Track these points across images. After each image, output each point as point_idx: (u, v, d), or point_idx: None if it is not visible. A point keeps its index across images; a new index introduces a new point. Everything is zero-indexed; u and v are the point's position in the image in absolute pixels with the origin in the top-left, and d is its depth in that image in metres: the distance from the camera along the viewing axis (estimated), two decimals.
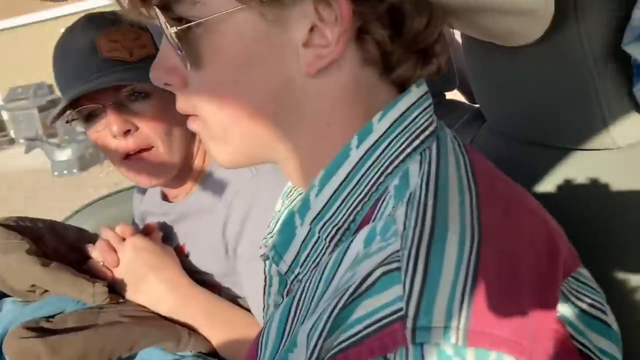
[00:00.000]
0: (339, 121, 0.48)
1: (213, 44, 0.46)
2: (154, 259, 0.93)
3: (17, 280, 0.92)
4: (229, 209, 0.91)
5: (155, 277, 0.92)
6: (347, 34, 0.45)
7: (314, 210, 0.47)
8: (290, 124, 0.49)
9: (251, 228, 0.88)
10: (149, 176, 0.94)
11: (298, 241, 0.48)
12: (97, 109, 0.91)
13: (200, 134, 0.53)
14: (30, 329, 0.83)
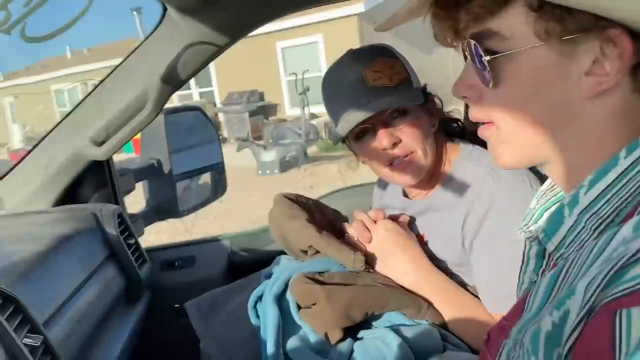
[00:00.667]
0: (607, 137, 0.57)
1: (512, 69, 0.58)
2: (402, 240, 1.07)
3: (297, 241, 1.10)
4: (469, 207, 1.02)
5: (402, 255, 1.06)
6: (625, 68, 0.53)
7: (582, 204, 0.56)
8: (565, 135, 0.59)
9: (488, 226, 0.99)
10: (410, 176, 1.09)
11: (565, 228, 0.58)
12: (368, 128, 1.08)
13: (491, 138, 0.64)
14: (309, 278, 1.01)
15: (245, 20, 1.20)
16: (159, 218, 1.72)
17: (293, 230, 1.10)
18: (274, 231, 1.17)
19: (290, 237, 1.11)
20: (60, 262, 1.10)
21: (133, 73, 1.28)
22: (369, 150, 1.11)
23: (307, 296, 1.00)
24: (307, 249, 1.09)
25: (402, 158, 1.07)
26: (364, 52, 1.12)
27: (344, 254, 1.03)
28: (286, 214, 1.14)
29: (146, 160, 1.71)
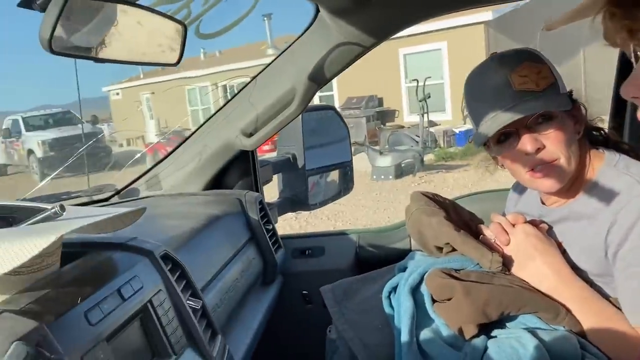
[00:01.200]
0: None
1: None
2: (541, 244, 1.06)
3: (434, 237, 1.12)
4: (615, 216, 0.98)
5: (542, 259, 1.05)
6: None
7: None
8: None
9: (635, 236, 0.95)
10: (552, 183, 1.07)
11: None
12: (511, 132, 1.07)
13: None
14: (445, 273, 1.03)
15: (393, 22, 1.25)
16: (291, 209, 1.82)
17: (430, 227, 1.12)
18: (411, 226, 1.19)
19: (426, 232, 1.13)
20: (212, 239, 1.21)
21: (283, 71, 1.37)
22: (511, 154, 1.10)
23: (443, 290, 1.02)
24: (443, 245, 1.10)
25: (545, 164, 1.06)
26: (510, 56, 1.11)
27: (481, 253, 1.03)
28: (424, 210, 1.15)
29: (283, 154, 1.82)
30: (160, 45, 0.84)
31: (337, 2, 1.19)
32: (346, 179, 1.98)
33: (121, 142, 18.43)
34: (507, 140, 1.09)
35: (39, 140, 14.80)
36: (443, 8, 1.23)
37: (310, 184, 1.85)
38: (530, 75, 1.05)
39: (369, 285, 1.22)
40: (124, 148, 17.56)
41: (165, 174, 1.55)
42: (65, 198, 1.44)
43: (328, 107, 1.98)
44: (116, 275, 0.79)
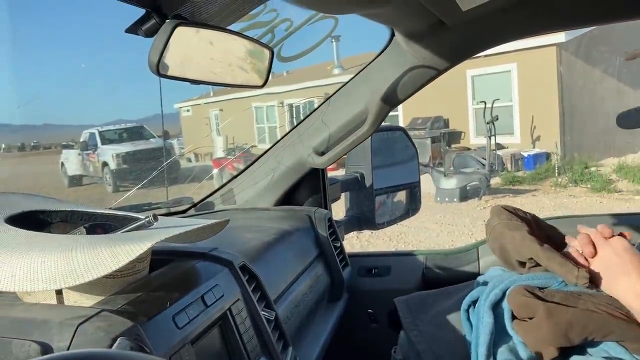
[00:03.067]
0: None
1: None
2: (636, 260, 1.00)
3: (516, 252, 1.08)
4: None
5: (638, 276, 0.98)
6: None
7: None
8: None
9: None
10: None
11: None
12: None
13: None
14: (529, 291, 0.99)
15: (467, 46, 1.26)
16: (358, 228, 1.84)
17: (513, 241, 1.09)
18: (492, 241, 1.17)
19: (509, 247, 1.10)
20: (283, 253, 1.25)
21: (357, 92, 1.41)
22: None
23: (526, 308, 0.99)
24: (526, 261, 1.07)
25: None
26: None
27: (567, 268, 0.99)
28: (506, 225, 1.13)
29: (351, 173, 1.85)
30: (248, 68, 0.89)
31: (412, 26, 1.22)
32: (413, 200, 1.98)
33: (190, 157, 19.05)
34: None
35: (113, 153, 15.57)
36: (517, 33, 1.23)
37: (377, 204, 1.87)
38: None
39: (444, 299, 1.22)
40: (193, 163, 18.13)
41: (239, 189, 1.61)
42: (147, 209, 1.53)
43: (397, 128, 2.00)
44: (200, 283, 0.83)
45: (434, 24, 1.20)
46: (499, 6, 1.14)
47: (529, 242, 1.05)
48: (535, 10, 1.17)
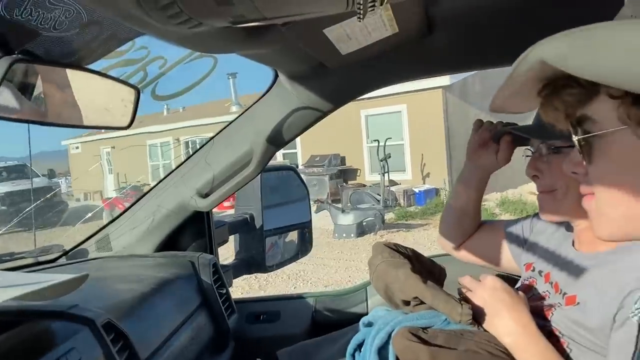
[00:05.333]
0: None
1: (603, 149, 0.63)
2: (509, 299, 1.06)
3: (401, 291, 1.08)
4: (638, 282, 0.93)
5: (509, 314, 1.04)
6: None
7: None
8: None
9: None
10: (548, 212, 1.16)
11: None
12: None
13: (591, 210, 0.68)
14: (413, 333, 0.99)
15: (350, 89, 1.27)
16: (247, 272, 1.77)
17: (397, 280, 1.09)
18: (376, 280, 1.16)
19: (394, 286, 1.10)
20: (161, 305, 1.16)
21: (241, 132, 1.37)
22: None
23: (409, 353, 0.99)
24: (410, 299, 1.08)
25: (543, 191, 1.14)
26: None
27: (451, 305, 1.01)
28: (390, 263, 1.13)
29: (240, 214, 1.80)
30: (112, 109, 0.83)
31: (294, 68, 1.21)
32: (305, 240, 1.96)
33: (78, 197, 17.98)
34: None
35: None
36: (396, 77, 1.26)
37: (268, 245, 1.83)
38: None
39: (329, 345, 1.19)
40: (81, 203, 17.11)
41: (116, 234, 1.50)
42: (8, 260, 1.37)
43: (287, 168, 1.98)
44: (53, 348, 0.74)
45: (316, 67, 1.20)
46: (377, 52, 1.17)
47: (413, 281, 1.06)
48: (411, 56, 1.21)
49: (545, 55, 0.58)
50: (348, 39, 1.04)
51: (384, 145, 11.77)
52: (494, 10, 1.09)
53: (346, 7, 0.67)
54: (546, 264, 1.21)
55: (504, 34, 1.15)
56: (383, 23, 1.01)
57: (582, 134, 0.65)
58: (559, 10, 1.06)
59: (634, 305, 0.77)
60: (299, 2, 0.65)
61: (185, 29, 0.72)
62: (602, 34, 0.53)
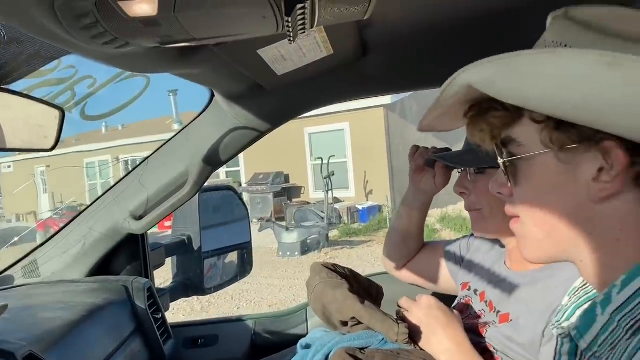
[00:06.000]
0: (628, 239, 0.60)
1: (527, 171, 0.65)
2: (444, 317, 1.07)
3: (339, 312, 1.08)
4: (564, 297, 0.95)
5: (443, 332, 1.05)
6: (623, 177, 0.58)
7: (615, 303, 0.58)
8: (584, 235, 0.61)
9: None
10: (478, 230, 1.21)
11: (597, 326, 0.59)
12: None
13: (517, 231, 0.69)
14: (350, 354, 1.00)
15: (287, 109, 1.27)
16: (185, 295, 1.73)
17: (335, 301, 1.09)
18: (314, 302, 1.16)
19: (331, 307, 1.10)
20: (92, 332, 1.11)
21: (177, 152, 1.35)
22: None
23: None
24: (348, 320, 1.08)
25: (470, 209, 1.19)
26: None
27: (389, 325, 1.02)
28: (327, 283, 1.13)
29: (177, 236, 1.75)
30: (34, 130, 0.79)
31: (230, 88, 1.20)
32: (244, 261, 1.93)
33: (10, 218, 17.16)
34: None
35: None
36: (332, 98, 1.28)
37: (207, 267, 1.79)
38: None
39: None
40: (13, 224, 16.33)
41: (45, 258, 1.43)
42: None
43: (227, 187, 1.95)
44: None
45: (253, 87, 1.20)
46: (313, 73, 1.18)
47: (350, 301, 1.06)
48: (346, 77, 1.22)
49: (472, 80, 0.59)
50: (283, 59, 1.04)
51: (327, 163, 11.85)
52: (426, 34, 1.12)
53: (276, 30, 0.67)
54: (481, 283, 1.24)
55: (436, 57, 1.19)
56: (317, 45, 1.02)
57: (507, 156, 0.66)
58: (486, 34, 1.10)
59: (554, 318, 0.80)
60: (228, 24, 0.65)
61: (112, 49, 0.70)
62: (526, 62, 0.55)
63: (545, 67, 0.54)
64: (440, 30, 1.10)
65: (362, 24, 1.02)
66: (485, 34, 1.10)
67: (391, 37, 1.13)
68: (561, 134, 0.60)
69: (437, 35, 1.12)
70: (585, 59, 0.51)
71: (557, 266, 1.03)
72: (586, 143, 0.59)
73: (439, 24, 1.07)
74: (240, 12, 0.61)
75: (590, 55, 0.51)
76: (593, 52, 0.51)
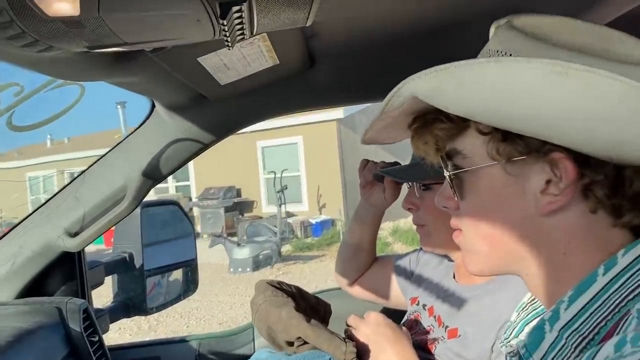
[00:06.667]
0: (575, 252, 0.59)
1: (473, 185, 0.63)
2: (393, 334, 1.05)
3: (284, 331, 1.05)
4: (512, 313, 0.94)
5: (391, 349, 1.03)
6: (572, 189, 0.57)
7: (563, 320, 0.57)
8: (531, 248, 0.60)
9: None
10: (425, 245, 1.21)
11: (546, 344, 0.58)
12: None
13: (460, 245, 0.68)
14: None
15: (232, 121, 1.23)
16: (126, 315, 1.65)
17: (280, 321, 1.05)
18: (258, 321, 1.12)
19: (276, 327, 1.06)
20: (19, 359, 1.03)
21: (115, 166, 1.28)
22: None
23: None
24: (294, 340, 1.04)
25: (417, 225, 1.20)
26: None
27: (336, 344, 0.99)
28: (272, 302, 1.10)
29: (118, 253, 1.67)
30: None
31: (172, 98, 1.15)
32: (189, 279, 1.86)
33: None
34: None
35: None
36: (281, 109, 1.25)
37: (150, 286, 1.71)
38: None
39: None
40: None
41: None
42: None
43: (170, 202, 1.88)
44: None
45: (196, 97, 1.15)
46: (259, 83, 1.14)
47: (296, 320, 1.03)
48: (294, 89, 1.20)
49: (417, 91, 0.57)
50: (226, 68, 1.00)
51: (280, 177, 11.80)
52: (374, 47, 1.11)
53: (213, 35, 0.63)
54: (429, 297, 1.23)
55: (384, 70, 1.17)
56: (262, 54, 0.99)
57: (452, 169, 0.65)
58: (434, 47, 1.10)
59: (503, 335, 0.79)
60: (160, 27, 0.61)
61: (33, 52, 0.65)
62: (471, 73, 0.53)
63: (491, 79, 0.52)
64: (388, 43, 1.09)
65: (308, 34, 0.99)
66: (433, 46, 1.09)
67: (338, 48, 1.11)
68: (508, 146, 0.59)
69: (385, 47, 1.11)
70: (534, 68, 0.50)
71: (504, 279, 1.03)
72: (534, 155, 0.58)
73: (386, 36, 1.06)
74: (173, 14, 0.57)
75: (540, 64, 0.49)
76: (543, 61, 0.49)
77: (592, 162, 0.56)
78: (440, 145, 0.66)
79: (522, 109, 0.52)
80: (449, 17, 0.96)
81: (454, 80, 0.54)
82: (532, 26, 0.61)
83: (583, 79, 0.48)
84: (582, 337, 0.55)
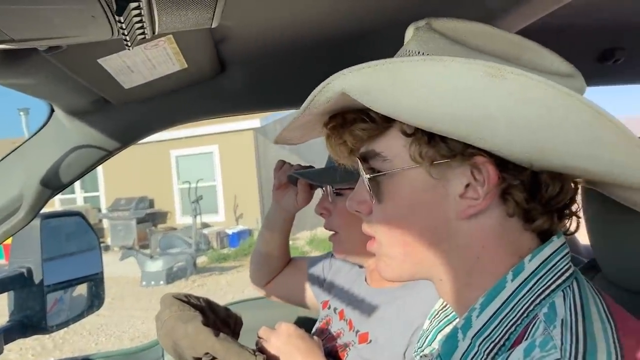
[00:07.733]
0: (488, 257, 0.59)
1: (392, 188, 0.62)
2: (304, 345, 1.04)
3: (191, 347, 1.00)
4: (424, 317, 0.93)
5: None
6: (493, 193, 0.58)
7: (475, 327, 0.58)
8: (445, 253, 0.61)
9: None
10: (337, 252, 1.20)
11: (459, 352, 0.58)
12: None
13: (374, 251, 0.67)
14: None
15: (138, 127, 1.18)
16: (22, 335, 1.53)
17: (186, 336, 1.01)
18: (163, 337, 1.07)
19: (182, 343, 1.02)
20: None
21: (9, 174, 1.19)
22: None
23: None
24: (202, 356, 1.01)
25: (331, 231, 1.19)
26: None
27: (244, 358, 0.98)
28: (178, 317, 1.05)
29: (15, 268, 1.55)
30: None
31: (72, 102, 1.09)
32: (94, 294, 1.76)
33: None
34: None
35: None
36: (191, 115, 1.21)
37: (51, 302, 1.60)
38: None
39: None
40: None
41: None
42: None
43: (73, 213, 1.78)
44: None
45: (98, 101, 1.09)
46: (167, 88, 1.11)
47: (203, 335, 1.00)
48: (204, 94, 1.17)
49: (348, 87, 0.55)
50: (130, 71, 0.96)
51: (195, 187, 11.54)
52: (286, 53, 1.10)
53: (111, 33, 0.60)
54: (340, 300, 1.23)
55: (296, 77, 1.17)
56: (169, 57, 0.95)
57: (370, 172, 0.63)
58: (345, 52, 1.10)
59: (417, 343, 0.80)
60: (51, 24, 0.56)
61: None
62: (408, 70, 0.52)
63: (430, 76, 0.51)
64: (300, 49, 1.08)
65: (218, 38, 0.97)
66: (346, 53, 1.10)
67: (249, 54, 1.09)
68: (431, 148, 0.58)
69: (297, 54, 1.10)
70: (473, 70, 0.49)
71: (414, 283, 1.05)
72: (458, 158, 0.57)
73: (298, 42, 1.05)
74: (64, 9, 0.53)
75: (477, 65, 0.49)
76: (479, 63, 0.49)
77: (510, 166, 0.57)
78: (358, 146, 0.64)
79: (454, 110, 0.51)
80: (362, 24, 0.97)
81: (389, 77, 0.53)
82: (450, 29, 0.61)
83: (518, 82, 0.49)
84: (494, 344, 0.56)
